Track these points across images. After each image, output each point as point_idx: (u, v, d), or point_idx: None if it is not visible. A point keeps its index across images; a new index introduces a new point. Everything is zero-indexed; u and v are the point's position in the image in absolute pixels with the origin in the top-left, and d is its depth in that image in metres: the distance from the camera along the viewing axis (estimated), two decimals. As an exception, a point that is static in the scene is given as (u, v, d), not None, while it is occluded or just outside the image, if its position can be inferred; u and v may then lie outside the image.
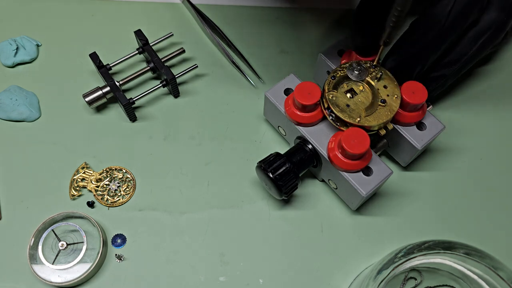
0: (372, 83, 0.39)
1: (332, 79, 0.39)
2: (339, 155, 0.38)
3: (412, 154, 0.42)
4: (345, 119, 0.38)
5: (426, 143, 0.40)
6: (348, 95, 0.39)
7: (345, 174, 0.39)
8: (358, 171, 0.39)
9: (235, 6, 0.54)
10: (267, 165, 0.39)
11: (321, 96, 0.39)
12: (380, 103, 0.39)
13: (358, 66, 0.40)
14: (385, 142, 0.43)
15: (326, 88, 0.39)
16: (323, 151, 0.40)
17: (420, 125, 0.41)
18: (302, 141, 0.41)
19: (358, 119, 0.38)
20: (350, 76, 0.39)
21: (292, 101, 0.41)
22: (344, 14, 0.54)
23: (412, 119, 0.40)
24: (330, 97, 0.39)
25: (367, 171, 0.39)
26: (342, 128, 0.39)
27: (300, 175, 0.41)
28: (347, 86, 0.39)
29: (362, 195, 0.38)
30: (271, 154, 0.40)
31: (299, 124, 0.41)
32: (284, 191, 0.40)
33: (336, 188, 0.42)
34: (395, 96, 0.39)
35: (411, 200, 0.45)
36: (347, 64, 0.40)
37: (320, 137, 0.40)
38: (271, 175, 0.39)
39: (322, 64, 0.45)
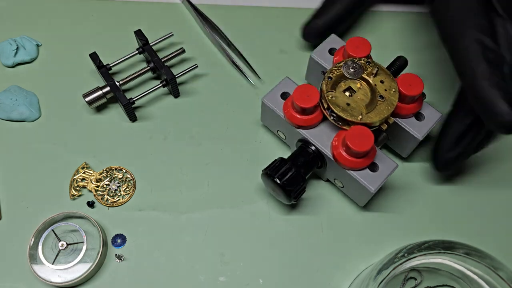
0: (369, 79, 0.39)
1: (329, 79, 0.39)
2: (344, 154, 0.38)
3: (413, 145, 0.42)
4: (347, 118, 0.38)
5: (426, 132, 0.41)
6: (347, 93, 0.39)
7: (352, 173, 0.39)
8: (364, 168, 0.39)
9: (235, 6, 0.54)
10: (273, 172, 0.39)
11: (319, 97, 0.39)
12: (379, 99, 0.39)
13: (353, 64, 0.40)
14: (385, 136, 0.43)
15: (324, 88, 0.39)
16: (327, 152, 0.40)
17: (418, 116, 0.41)
18: (304, 144, 0.41)
19: (360, 116, 0.38)
20: (346, 75, 0.39)
21: (291, 105, 0.40)
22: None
23: (410, 111, 0.40)
24: (330, 98, 0.39)
25: (373, 167, 0.39)
26: (344, 127, 0.39)
27: (306, 177, 0.41)
28: (345, 85, 0.39)
29: (371, 191, 0.38)
30: (275, 160, 0.40)
31: (299, 127, 0.41)
32: (294, 196, 0.39)
33: (343, 187, 0.42)
34: (393, 90, 0.39)
35: (411, 200, 0.45)
36: (342, 63, 0.40)
37: (322, 138, 0.40)
38: (278, 181, 0.38)
39: (315, 64, 0.45)
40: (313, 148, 0.41)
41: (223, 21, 0.53)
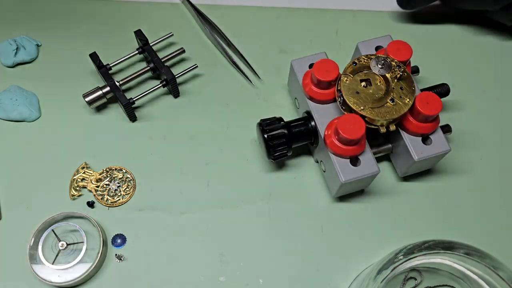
0: (390, 80, 0.39)
1: (354, 65, 0.40)
2: (333, 137, 0.39)
3: (409, 165, 0.41)
4: (350, 104, 0.39)
5: (425, 157, 0.40)
6: (363, 83, 0.39)
7: (333, 157, 0.40)
8: (346, 158, 0.39)
9: (235, 6, 0.54)
10: (265, 125, 0.41)
11: (337, 79, 0.40)
12: (389, 101, 0.39)
13: (384, 61, 0.40)
14: (389, 147, 0.43)
15: (344, 71, 0.40)
16: (321, 130, 0.41)
17: (426, 139, 0.41)
18: (308, 117, 0.42)
19: (362, 107, 0.38)
20: (372, 68, 0.40)
21: (310, 75, 0.42)
22: (343, 14, 0.54)
23: (419, 130, 0.40)
24: (344, 80, 0.39)
25: (354, 161, 0.40)
26: (346, 113, 0.39)
27: (293, 146, 0.42)
28: (365, 76, 0.40)
29: (341, 181, 0.39)
30: (275, 117, 0.42)
31: (310, 98, 0.42)
32: (272, 153, 0.41)
33: (325, 171, 0.43)
34: (407, 100, 0.39)
35: (411, 200, 0.45)
36: (374, 56, 0.40)
37: (324, 117, 0.41)
38: (265, 135, 0.41)
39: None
40: (312, 123, 0.42)
41: (223, 21, 0.53)
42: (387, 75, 0.40)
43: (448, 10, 0.53)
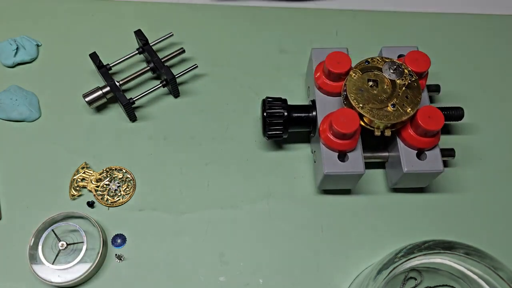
0: (398, 86, 0.39)
1: (366, 63, 0.40)
2: (327, 128, 0.39)
3: (398, 176, 0.41)
4: (351, 100, 0.39)
5: (414, 171, 0.39)
6: (370, 83, 0.39)
7: (323, 148, 0.40)
8: (335, 152, 0.40)
9: (236, 6, 0.54)
10: (268, 103, 0.42)
11: (347, 73, 0.40)
12: (390, 106, 0.38)
13: (397, 67, 0.40)
14: (385, 155, 0.43)
15: (355, 66, 0.40)
16: (320, 120, 0.41)
17: (420, 153, 0.40)
18: (311, 106, 0.43)
19: (362, 105, 0.38)
20: (383, 71, 0.40)
21: (323, 65, 0.42)
22: (343, 14, 0.54)
23: (416, 143, 0.39)
24: (352, 75, 0.39)
25: (342, 156, 0.40)
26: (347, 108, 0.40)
27: (290, 130, 0.43)
28: (374, 76, 0.40)
29: (324, 172, 0.39)
30: (280, 98, 0.43)
31: (319, 88, 0.42)
32: (267, 131, 0.42)
33: (315, 162, 0.43)
34: (409, 109, 0.38)
35: (411, 200, 0.45)
36: (389, 60, 0.40)
37: (326, 109, 0.42)
38: (265, 112, 0.42)
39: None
40: (314, 113, 0.42)
41: (223, 21, 0.53)
42: (396, 80, 0.39)
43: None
